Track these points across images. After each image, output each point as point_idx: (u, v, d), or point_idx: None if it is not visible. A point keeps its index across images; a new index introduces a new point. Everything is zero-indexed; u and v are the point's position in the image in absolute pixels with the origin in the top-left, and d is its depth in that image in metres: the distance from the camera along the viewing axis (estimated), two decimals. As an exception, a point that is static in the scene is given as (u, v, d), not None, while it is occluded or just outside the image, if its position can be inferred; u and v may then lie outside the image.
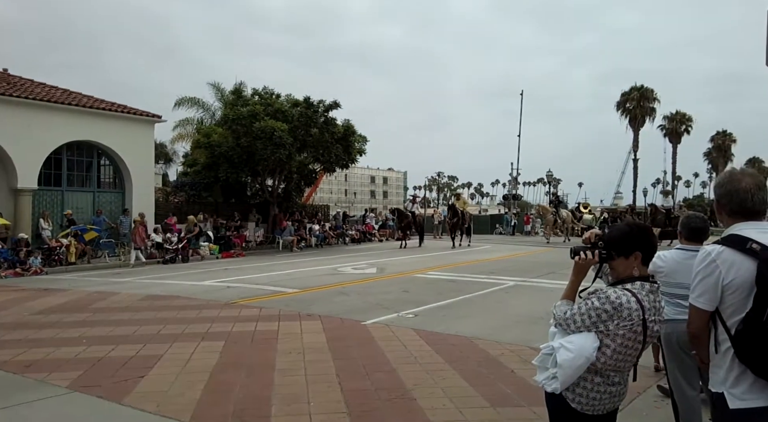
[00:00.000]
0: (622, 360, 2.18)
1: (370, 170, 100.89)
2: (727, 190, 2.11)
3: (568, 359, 2.16)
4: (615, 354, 2.16)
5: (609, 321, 2.13)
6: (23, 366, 5.32)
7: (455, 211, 21.44)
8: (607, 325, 2.14)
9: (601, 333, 2.15)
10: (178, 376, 4.97)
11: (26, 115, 16.18)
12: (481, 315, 7.76)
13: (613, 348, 2.15)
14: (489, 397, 4.40)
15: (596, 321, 2.15)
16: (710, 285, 2.01)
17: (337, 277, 12.13)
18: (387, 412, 4.12)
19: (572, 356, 2.15)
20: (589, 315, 2.17)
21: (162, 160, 40.00)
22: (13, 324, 7.38)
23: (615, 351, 2.15)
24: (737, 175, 2.15)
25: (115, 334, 6.69)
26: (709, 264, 2.01)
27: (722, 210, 2.14)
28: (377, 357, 5.58)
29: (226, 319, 7.48)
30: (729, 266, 1.97)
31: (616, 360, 2.17)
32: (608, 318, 2.13)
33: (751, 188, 2.06)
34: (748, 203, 2.06)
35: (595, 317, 2.15)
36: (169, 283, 11.59)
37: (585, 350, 2.15)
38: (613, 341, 2.14)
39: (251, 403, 4.30)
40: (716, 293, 2.00)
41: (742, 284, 1.95)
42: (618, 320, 2.12)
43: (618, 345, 2.14)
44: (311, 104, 21.34)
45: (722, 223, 2.19)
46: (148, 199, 19.76)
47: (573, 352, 2.15)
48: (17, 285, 11.96)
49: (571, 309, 2.24)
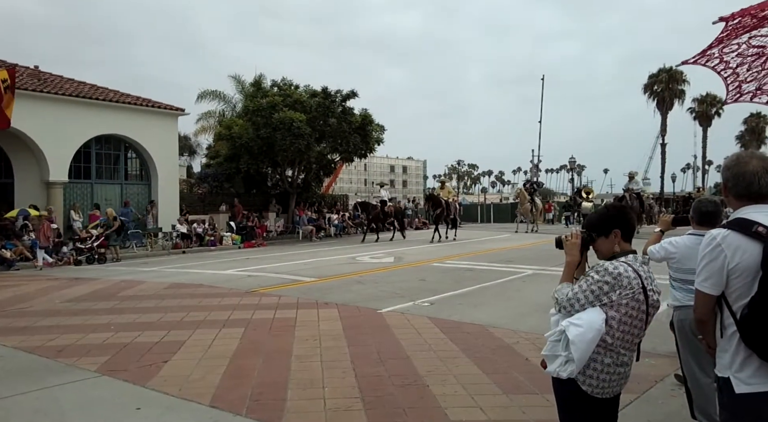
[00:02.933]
0: (629, 333, 2.23)
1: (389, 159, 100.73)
2: (734, 173, 2.08)
3: (579, 333, 2.18)
4: (621, 326, 2.20)
5: (611, 292, 2.19)
6: (55, 351, 5.58)
7: (437, 201, 19.37)
8: (610, 297, 2.19)
9: (605, 305, 2.20)
10: (199, 361, 5.16)
11: (57, 111, 16.68)
12: (498, 304, 7.78)
13: (618, 319, 2.20)
14: (502, 385, 4.44)
15: (599, 294, 2.21)
16: (716, 269, 1.99)
17: (355, 266, 12.27)
18: (399, 398, 4.21)
19: (582, 330, 2.18)
20: (591, 290, 2.22)
21: (186, 152, 40.74)
22: (46, 312, 7.72)
23: (621, 322, 2.20)
24: (745, 157, 2.10)
25: (140, 321, 6.95)
26: (715, 248, 1.99)
27: (729, 193, 2.12)
28: (391, 344, 5.69)
29: (246, 307, 7.68)
30: (734, 250, 1.95)
31: (623, 333, 2.21)
32: (610, 289, 2.19)
33: (759, 171, 2.03)
34: (755, 186, 2.03)
35: (597, 290, 2.21)
36: (193, 272, 11.90)
37: (594, 322, 2.18)
38: (618, 311, 2.19)
39: (268, 387, 4.45)
40: (722, 277, 1.98)
41: (747, 268, 1.93)
42: (619, 289, 2.18)
43: (623, 316, 2.20)
44: (329, 94, 21.43)
45: (729, 206, 2.16)
46: (173, 191, 20.23)
47: (583, 327, 2.18)
48: (50, 274, 12.45)
49: (572, 289, 2.28)
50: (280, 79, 23.15)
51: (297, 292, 8.84)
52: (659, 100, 46.44)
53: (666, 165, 47.33)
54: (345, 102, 21.82)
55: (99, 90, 19.00)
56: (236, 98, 26.72)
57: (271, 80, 23.93)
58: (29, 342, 5.92)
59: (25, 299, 8.92)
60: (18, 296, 9.26)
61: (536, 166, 39.78)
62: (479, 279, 9.82)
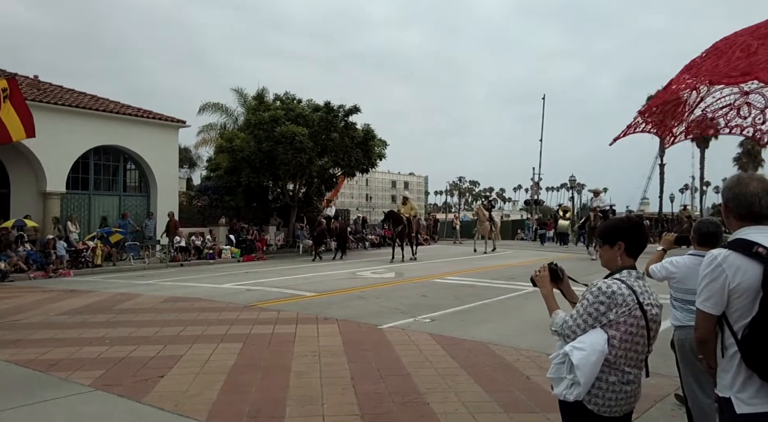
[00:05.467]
0: (632, 350, 2.21)
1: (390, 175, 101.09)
2: (734, 194, 2.13)
3: (582, 357, 2.18)
4: (623, 344, 2.19)
5: (608, 312, 2.19)
6: (48, 364, 5.48)
7: (397, 219, 18.03)
8: (607, 316, 2.19)
9: (604, 326, 2.20)
10: (196, 376, 5.06)
11: (55, 121, 16.68)
12: (499, 321, 7.70)
13: (619, 338, 2.19)
14: (503, 403, 4.37)
15: (597, 316, 2.21)
16: (716, 289, 2.01)
17: (356, 281, 12.18)
18: (400, 415, 4.13)
19: (586, 353, 2.18)
20: (588, 313, 2.22)
21: (186, 164, 40.83)
22: (40, 324, 7.61)
23: (622, 341, 2.19)
24: (745, 178, 2.16)
25: (137, 335, 6.84)
26: (716, 268, 2.02)
27: (729, 213, 2.16)
28: (392, 360, 5.59)
29: (244, 322, 7.58)
30: (735, 270, 1.98)
31: (626, 350, 2.20)
32: (606, 309, 2.19)
33: (759, 192, 2.07)
34: (756, 207, 2.07)
35: (595, 312, 2.21)
36: (191, 286, 11.79)
37: (597, 344, 2.18)
38: (618, 330, 2.19)
39: (266, 404, 4.36)
40: (723, 297, 2.01)
41: (748, 288, 1.95)
42: (615, 308, 2.18)
43: (623, 334, 2.19)
44: (331, 109, 21.54)
45: (730, 227, 2.19)
46: (172, 203, 20.17)
47: (586, 350, 2.18)
48: (45, 286, 12.32)
49: (570, 316, 2.29)
50: (282, 93, 23.27)
51: (296, 307, 8.74)
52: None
53: (664, 185, 47.47)
54: (347, 117, 21.91)
55: (99, 101, 19.08)
56: (238, 111, 26.87)
57: (274, 94, 24.07)
58: (22, 355, 5.81)
59: (20, 311, 8.80)
60: (12, 308, 9.15)
61: (537, 183, 39.82)
62: (480, 296, 9.73)
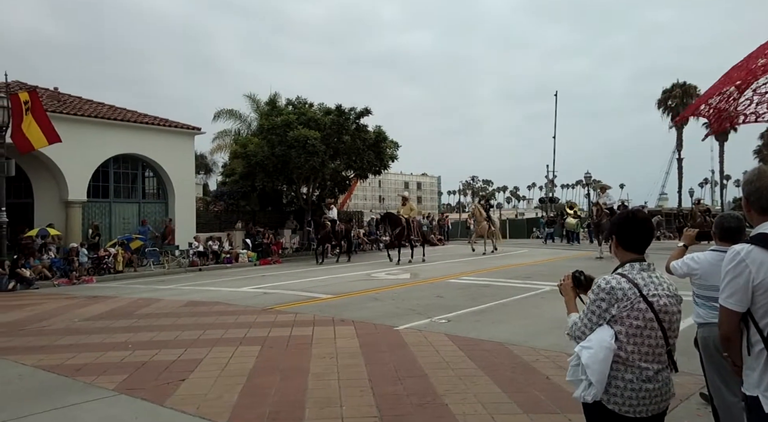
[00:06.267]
0: (645, 344, 2.18)
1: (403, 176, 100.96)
2: (756, 187, 2.09)
3: (590, 355, 2.19)
4: (631, 338, 2.17)
5: (610, 307, 2.19)
6: (73, 369, 5.61)
7: (395, 220, 17.35)
8: (610, 312, 2.20)
9: (610, 322, 2.20)
10: (216, 380, 5.13)
11: (75, 131, 17.04)
12: (516, 321, 7.66)
13: (626, 333, 2.18)
14: (522, 404, 4.35)
15: (600, 313, 2.22)
16: (740, 285, 1.97)
17: (371, 283, 12.21)
18: (418, 417, 4.14)
19: (593, 351, 2.19)
20: (592, 312, 2.24)
21: (202, 170, 41.27)
22: (65, 330, 7.78)
23: (629, 335, 2.18)
24: (766, 171, 2.12)
25: (158, 339, 6.96)
26: (739, 263, 1.98)
27: (751, 207, 2.11)
28: (409, 362, 5.61)
29: (262, 325, 7.66)
30: (759, 265, 1.94)
31: (636, 345, 2.18)
32: (608, 305, 2.20)
33: None
34: None
35: (597, 310, 2.22)
36: (209, 290, 11.94)
37: (603, 341, 2.19)
38: (623, 325, 2.18)
39: (285, 406, 4.41)
40: (747, 293, 1.96)
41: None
42: (616, 303, 2.18)
43: (629, 328, 2.17)
44: (343, 112, 21.65)
45: (751, 222, 2.16)
46: (190, 209, 20.46)
47: (593, 348, 2.20)
48: (68, 293, 12.58)
49: (579, 317, 2.33)
50: (294, 98, 23.50)
51: (313, 309, 8.80)
52: (674, 115, 46.07)
53: (683, 180, 46.68)
54: (359, 119, 22.00)
55: (117, 110, 19.43)
56: (251, 117, 27.16)
57: (286, 99, 24.30)
58: (48, 361, 5.96)
59: (44, 318, 9.01)
60: (37, 315, 9.36)
61: (551, 181, 39.52)
62: (496, 296, 9.69)
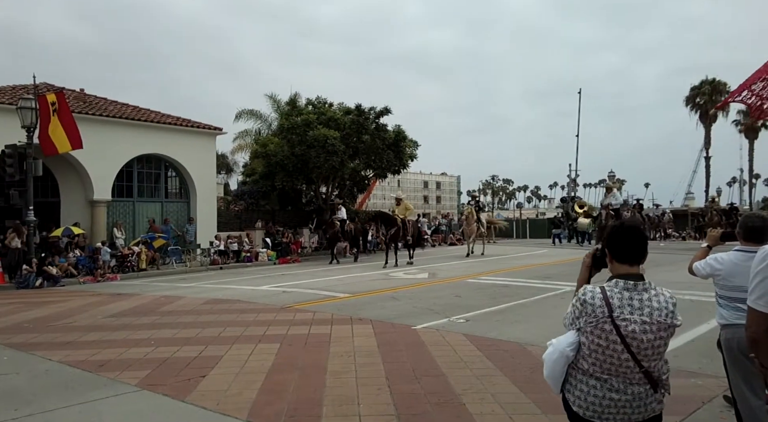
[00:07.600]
0: (606, 362, 2.14)
1: (422, 175, 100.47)
2: None
3: (548, 353, 2.29)
4: (593, 353, 2.16)
5: (580, 318, 2.19)
6: (97, 365, 5.74)
7: (389, 220, 16.89)
8: (579, 322, 2.19)
9: (578, 330, 2.21)
10: (236, 376, 5.20)
11: (101, 132, 17.41)
12: (535, 321, 7.58)
13: (587, 346, 2.17)
14: (540, 404, 4.31)
15: (573, 318, 2.23)
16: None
17: (389, 282, 12.22)
18: (435, 416, 4.13)
19: (551, 350, 2.27)
20: (569, 313, 2.27)
21: (223, 170, 41.82)
22: (89, 327, 7.97)
23: (591, 350, 2.15)
24: None
25: (180, 336, 7.08)
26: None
27: None
28: (427, 361, 5.60)
29: (281, 323, 7.73)
30: None
31: (597, 360, 2.15)
32: (579, 314, 2.20)
33: None
34: None
35: (571, 315, 2.25)
36: (230, 288, 12.09)
37: (561, 344, 2.23)
38: (586, 338, 2.17)
39: (303, 403, 4.44)
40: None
41: None
42: (584, 317, 2.16)
43: (591, 343, 2.15)
44: (362, 111, 21.68)
45: None
46: (211, 208, 20.74)
47: (552, 346, 2.27)
48: (93, 290, 12.88)
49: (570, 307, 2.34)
50: (314, 98, 23.60)
51: (331, 308, 8.85)
52: (702, 113, 45.00)
53: (711, 178, 45.58)
54: (378, 119, 22.02)
55: (141, 111, 19.80)
56: (272, 117, 27.38)
57: (306, 99, 24.44)
58: (74, 357, 6.11)
59: (70, 314, 9.24)
60: (64, 311, 9.61)
61: (573, 180, 38.90)
62: (515, 296, 9.62)
